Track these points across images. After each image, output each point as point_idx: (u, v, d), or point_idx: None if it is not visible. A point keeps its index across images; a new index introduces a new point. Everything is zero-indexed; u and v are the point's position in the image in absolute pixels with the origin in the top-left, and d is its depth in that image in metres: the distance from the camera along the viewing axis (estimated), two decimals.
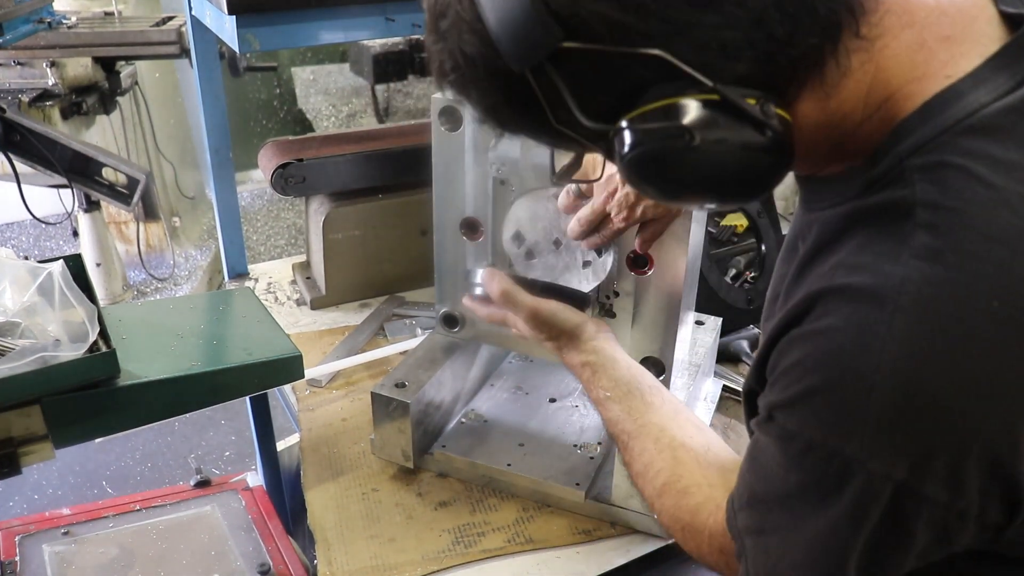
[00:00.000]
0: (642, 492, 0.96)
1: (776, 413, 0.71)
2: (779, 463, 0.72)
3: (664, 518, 0.92)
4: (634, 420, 0.98)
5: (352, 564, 1.14)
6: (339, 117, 4.59)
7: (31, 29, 2.41)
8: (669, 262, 1.15)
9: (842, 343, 0.64)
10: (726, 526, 0.81)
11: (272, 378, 1.20)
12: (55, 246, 4.12)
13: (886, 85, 0.66)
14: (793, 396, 0.68)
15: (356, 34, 1.45)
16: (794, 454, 0.70)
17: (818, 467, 0.67)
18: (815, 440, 0.67)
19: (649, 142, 0.65)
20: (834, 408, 0.65)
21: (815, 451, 0.67)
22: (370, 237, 1.74)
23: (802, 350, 0.68)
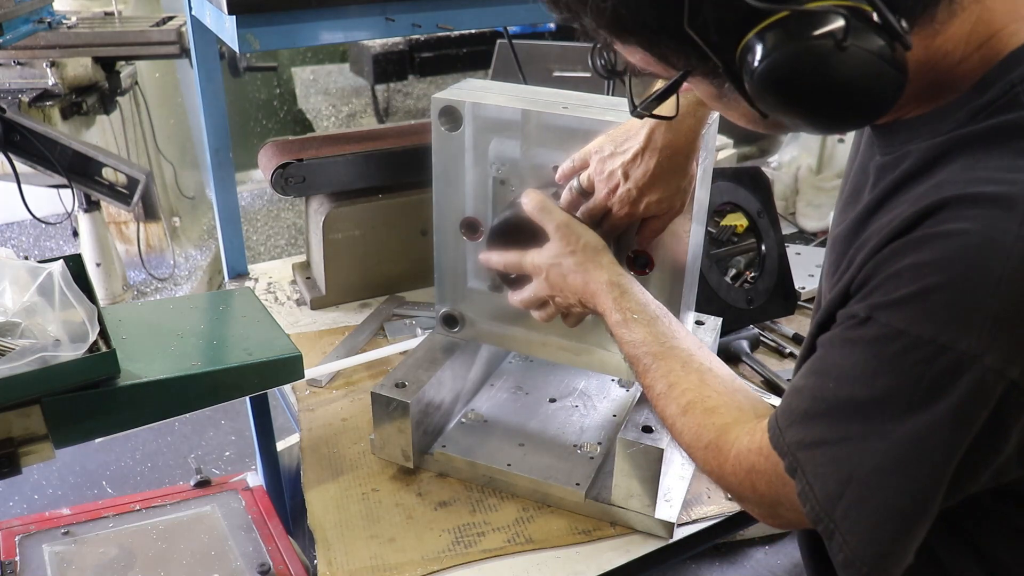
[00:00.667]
0: (663, 413, 0.97)
1: (879, 314, 0.72)
2: (865, 368, 0.73)
3: (686, 436, 0.93)
4: (660, 343, 0.99)
5: (352, 564, 1.14)
6: (339, 117, 4.59)
7: (31, 29, 2.41)
8: (669, 262, 1.15)
9: (969, 242, 0.67)
10: (766, 444, 0.82)
11: (272, 378, 1.20)
12: (55, 246, 4.12)
13: (989, 25, 0.72)
14: (905, 295, 0.70)
15: (356, 34, 1.45)
16: (892, 355, 0.70)
17: (919, 367, 0.69)
18: (924, 337, 0.68)
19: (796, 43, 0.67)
20: (955, 304, 0.67)
21: (921, 349, 0.68)
22: (370, 237, 1.74)
23: (920, 253, 0.70)
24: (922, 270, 0.69)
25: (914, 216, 0.72)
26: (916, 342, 0.69)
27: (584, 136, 1.12)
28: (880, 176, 0.83)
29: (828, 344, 0.80)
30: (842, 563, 0.76)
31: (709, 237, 1.57)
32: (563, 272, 1.08)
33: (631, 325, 1.02)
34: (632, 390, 1.44)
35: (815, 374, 0.80)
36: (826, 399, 0.77)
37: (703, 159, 1.08)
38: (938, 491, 0.72)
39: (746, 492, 0.87)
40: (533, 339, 1.28)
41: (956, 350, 0.67)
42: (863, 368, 0.73)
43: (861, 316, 0.74)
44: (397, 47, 4.14)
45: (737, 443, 0.88)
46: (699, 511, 1.24)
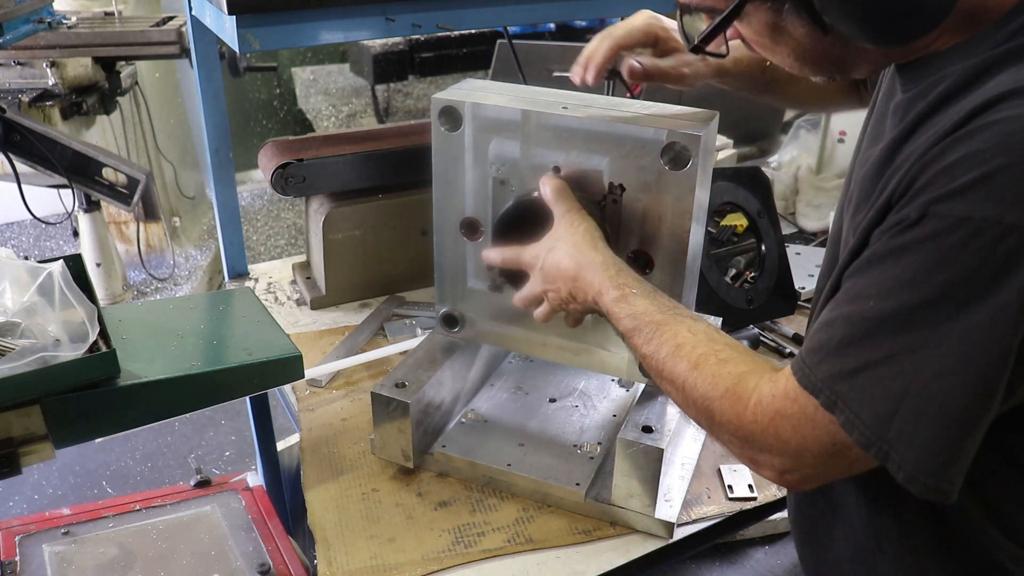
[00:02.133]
0: (671, 373, 0.93)
1: (936, 207, 0.72)
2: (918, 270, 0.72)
3: (700, 387, 0.90)
4: (663, 311, 0.98)
5: (352, 564, 1.14)
6: (339, 117, 4.59)
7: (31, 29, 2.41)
8: (669, 262, 1.15)
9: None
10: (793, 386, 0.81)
11: (272, 378, 1.20)
12: (55, 246, 4.12)
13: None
14: (966, 182, 0.70)
15: (356, 34, 1.45)
16: (952, 246, 0.70)
17: (984, 252, 0.69)
18: (990, 219, 0.68)
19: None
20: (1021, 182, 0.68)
21: (986, 233, 0.69)
22: (370, 237, 1.74)
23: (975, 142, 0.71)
24: (983, 155, 0.70)
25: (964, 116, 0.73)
26: (981, 226, 0.69)
27: (584, 136, 1.12)
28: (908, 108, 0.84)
29: (864, 266, 0.79)
30: (903, 480, 0.75)
31: (709, 237, 1.57)
32: (557, 258, 1.06)
33: (630, 299, 1.00)
34: (632, 390, 1.44)
35: (849, 302, 0.78)
36: (866, 319, 0.76)
37: (703, 159, 1.08)
38: (1000, 383, 0.71)
39: (768, 440, 0.84)
40: (533, 339, 1.28)
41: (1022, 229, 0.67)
42: (915, 271, 0.73)
43: (913, 217, 0.74)
44: (397, 47, 4.14)
45: (758, 390, 0.85)
46: (699, 511, 1.24)
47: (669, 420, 1.17)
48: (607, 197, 1.14)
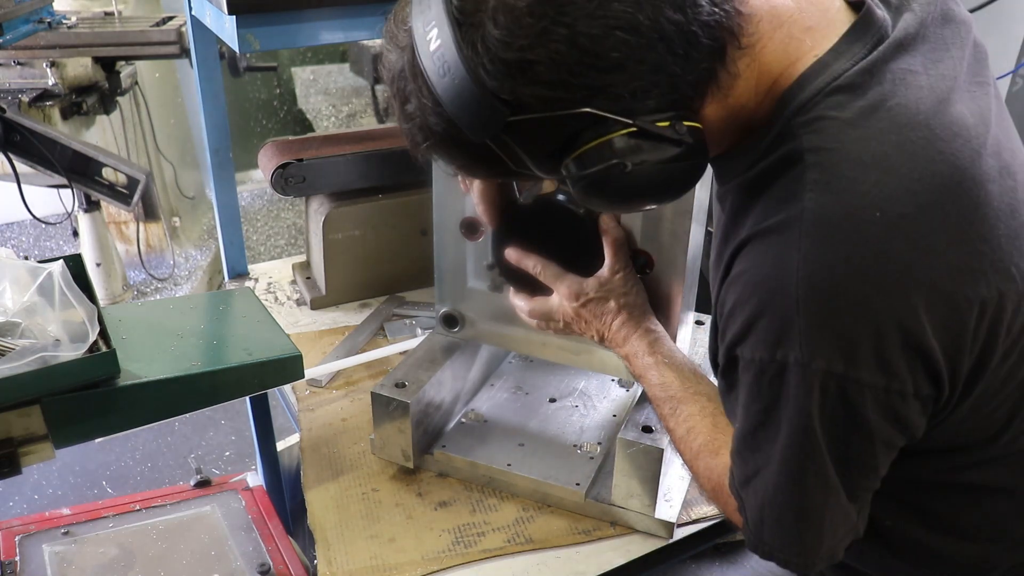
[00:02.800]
0: (682, 455, 1.04)
1: (735, 351, 0.83)
2: (745, 400, 0.84)
3: (699, 480, 1.01)
4: (685, 388, 1.06)
5: (352, 564, 1.14)
6: (339, 117, 4.59)
7: (31, 29, 2.41)
8: (669, 262, 1.15)
9: (765, 272, 0.78)
10: None
11: (272, 378, 1.19)
12: (55, 246, 4.12)
13: (769, 73, 0.81)
14: (740, 329, 0.81)
15: (356, 34, 1.45)
16: (752, 382, 0.82)
17: (774, 385, 0.79)
18: (765, 359, 0.79)
19: (592, 174, 0.79)
20: (774, 326, 0.78)
21: (768, 370, 0.79)
22: (370, 237, 1.74)
23: (736, 290, 0.82)
24: (742, 307, 0.80)
25: (728, 260, 0.84)
26: (763, 365, 0.79)
27: None
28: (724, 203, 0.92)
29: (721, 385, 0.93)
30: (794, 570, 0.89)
31: (709, 237, 1.57)
32: (605, 309, 1.12)
33: (662, 369, 1.08)
34: (632, 390, 1.44)
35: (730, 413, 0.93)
36: (738, 436, 0.88)
37: None
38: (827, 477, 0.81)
39: None
40: (533, 339, 1.28)
41: (789, 364, 0.77)
42: (745, 401, 0.84)
43: (726, 359, 0.86)
44: None
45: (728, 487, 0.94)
46: (699, 511, 1.24)
47: None
48: None
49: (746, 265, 0.81)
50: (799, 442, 0.80)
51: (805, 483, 0.82)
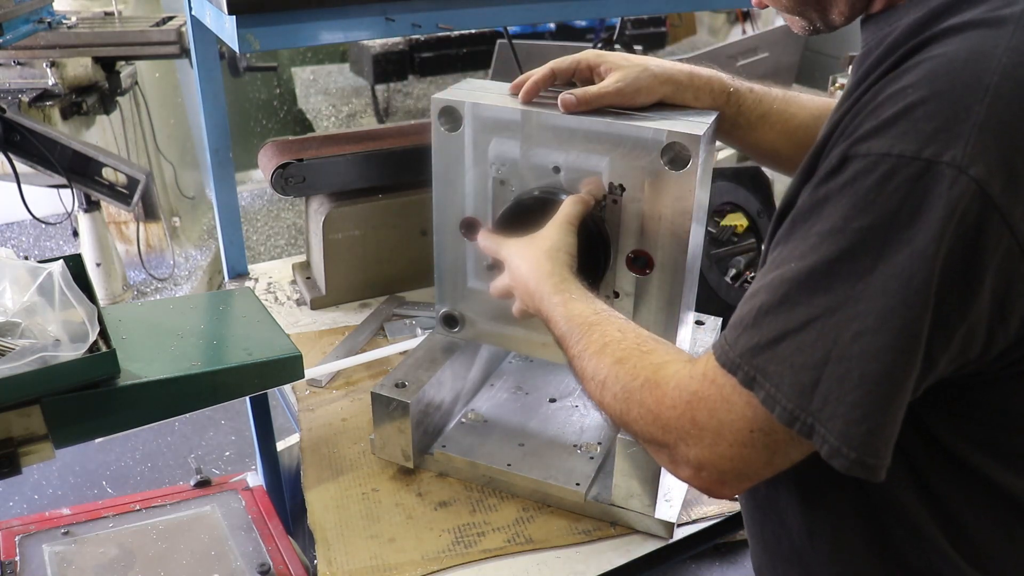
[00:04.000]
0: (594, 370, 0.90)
1: (857, 148, 0.68)
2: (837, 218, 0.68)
3: (621, 380, 0.85)
4: (598, 313, 0.96)
5: (352, 564, 1.14)
6: (339, 117, 4.59)
7: (31, 29, 2.41)
8: (669, 262, 1.15)
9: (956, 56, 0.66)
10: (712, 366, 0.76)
11: (272, 378, 1.20)
12: (55, 246, 4.12)
13: None
14: (887, 118, 0.67)
15: (356, 34, 1.45)
16: (872, 186, 0.66)
17: (902, 189, 0.65)
18: (907, 155, 0.65)
19: None
20: (940, 114, 0.65)
21: (904, 169, 0.65)
22: (370, 237, 1.74)
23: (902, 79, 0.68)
24: (905, 92, 0.67)
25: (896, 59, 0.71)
26: (898, 162, 0.65)
27: (584, 136, 1.12)
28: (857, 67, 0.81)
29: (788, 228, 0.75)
30: (827, 455, 0.69)
31: (709, 237, 1.57)
32: (517, 263, 1.07)
33: (569, 303, 0.98)
34: None
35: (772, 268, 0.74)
36: (785, 281, 0.71)
37: (703, 159, 1.08)
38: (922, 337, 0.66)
39: (686, 427, 0.78)
40: (533, 339, 1.28)
41: (940, 163, 0.64)
42: (833, 221, 0.68)
43: (835, 163, 0.70)
44: (397, 47, 4.14)
45: (676, 375, 0.80)
46: (699, 511, 1.24)
47: None
48: (607, 197, 1.14)
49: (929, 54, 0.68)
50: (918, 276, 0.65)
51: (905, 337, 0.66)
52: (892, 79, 0.70)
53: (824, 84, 2.45)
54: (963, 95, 0.65)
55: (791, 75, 2.84)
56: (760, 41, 2.62)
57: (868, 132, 0.68)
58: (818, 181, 0.72)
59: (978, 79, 0.65)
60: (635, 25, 3.95)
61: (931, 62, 0.68)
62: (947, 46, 0.68)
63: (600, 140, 1.11)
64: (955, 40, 0.68)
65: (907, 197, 0.65)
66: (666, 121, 1.09)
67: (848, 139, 0.70)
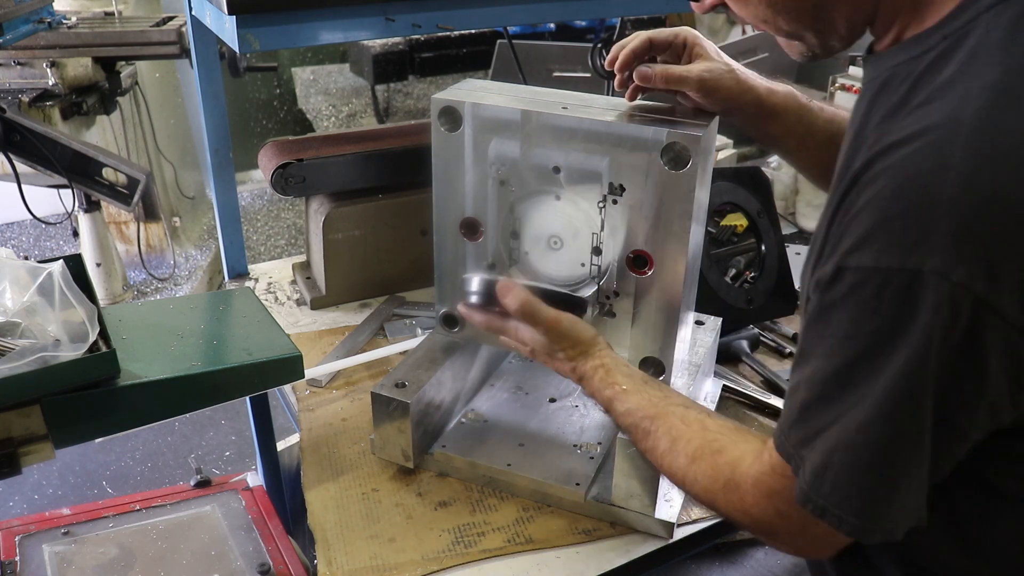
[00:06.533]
0: (671, 468, 0.97)
1: (848, 260, 0.74)
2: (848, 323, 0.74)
3: (701, 483, 0.93)
4: (655, 405, 1.01)
5: (352, 564, 1.14)
6: (339, 117, 4.59)
7: (31, 29, 2.41)
8: (669, 262, 1.15)
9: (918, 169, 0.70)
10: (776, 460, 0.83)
11: (272, 378, 1.20)
12: (55, 246, 4.12)
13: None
14: (870, 229, 0.72)
15: (356, 34, 1.45)
16: (870, 296, 0.72)
17: (897, 298, 0.70)
18: (893, 267, 0.70)
19: None
20: (914, 227, 0.70)
21: (894, 281, 0.71)
22: (370, 237, 1.74)
23: (873, 187, 0.73)
24: (879, 203, 0.72)
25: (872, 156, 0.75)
26: (887, 275, 0.71)
27: (584, 136, 1.12)
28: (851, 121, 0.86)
29: (807, 325, 0.80)
30: (846, 533, 0.76)
31: (709, 237, 1.57)
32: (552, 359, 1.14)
33: (622, 397, 1.05)
34: None
35: (804, 363, 0.80)
36: (818, 381, 0.78)
37: (703, 159, 1.08)
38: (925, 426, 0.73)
39: (774, 520, 0.86)
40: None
41: (923, 273, 0.69)
42: (847, 326, 0.75)
43: (830, 273, 0.76)
44: (397, 47, 4.15)
45: (750, 471, 0.87)
46: (699, 511, 1.24)
47: None
48: (607, 197, 1.14)
49: (896, 161, 0.72)
50: (914, 371, 0.71)
51: (899, 428, 0.73)
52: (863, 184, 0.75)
53: (824, 84, 2.44)
54: (930, 209, 0.69)
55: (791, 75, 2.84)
56: (760, 41, 2.62)
57: (855, 244, 0.73)
58: (822, 285, 0.77)
59: (940, 192, 0.69)
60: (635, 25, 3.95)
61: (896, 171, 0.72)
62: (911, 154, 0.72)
63: (600, 140, 1.11)
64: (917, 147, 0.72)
65: (903, 303, 0.71)
66: (666, 121, 1.09)
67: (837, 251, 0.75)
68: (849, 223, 0.75)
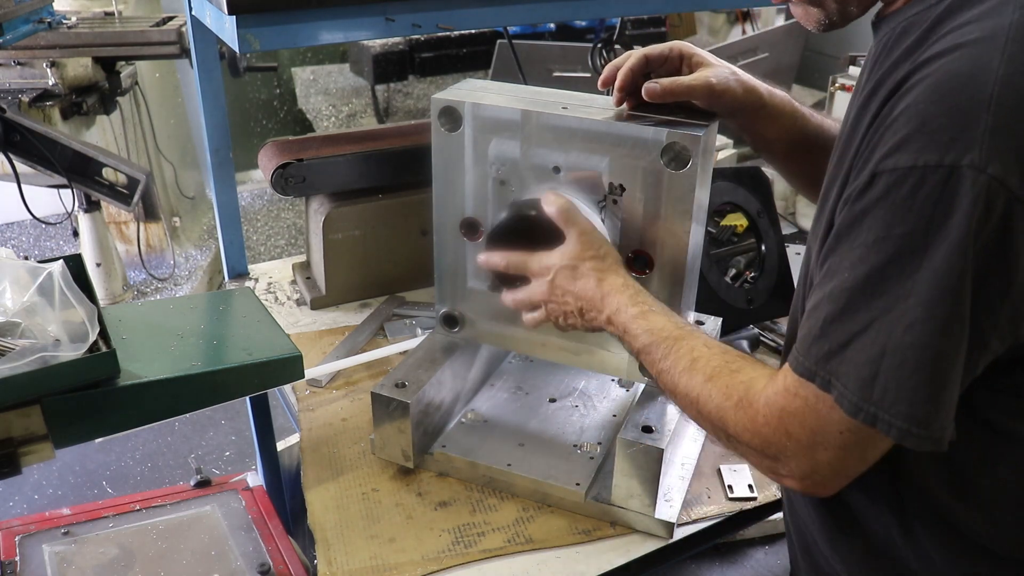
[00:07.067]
0: (687, 387, 0.96)
1: (884, 163, 0.76)
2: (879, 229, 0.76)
3: (715, 400, 0.93)
4: (680, 328, 1.02)
5: (352, 564, 1.14)
6: (339, 117, 4.59)
7: (31, 29, 2.41)
8: (669, 262, 1.15)
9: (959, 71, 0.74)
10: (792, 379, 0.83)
11: (272, 378, 1.19)
12: (55, 246, 4.12)
13: None
14: (908, 133, 0.74)
15: (356, 34, 1.45)
16: (905, 196, 0.74)
17: (933, 194, 0.73)
18: (931, 163, 0.72)
19: None
20: (954, 125, 0.72)
21: (930, 177, 0.73)
22: (370, 237, 1.74)
23: (911, 94, 0.76)
24: (918, 107, 0.75)
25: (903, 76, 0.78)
26: (924, 172, 0.73)
27: (584, 136, 1.12)
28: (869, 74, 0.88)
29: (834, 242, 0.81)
30: (897, 437, 0.77)
31: (709, 237, 1.57)
32: (577, 275, 1.09)
33: (648, 316, 1.04)
34: (632, 390, 1.44)
35: (828, 280, 0.81)
36: (844, 291, 0.78)
37: (703, 159, 1.08)
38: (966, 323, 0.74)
39: (783, 441, 0.86)
40: (533, 339, 1.28)
41: (961, 168, 0.71)
42: (876, 232, 0.76)
43: (865, 180, 0.77)
44: (397, 47, 4.14)
45: (764, 391, 0.88)
46: (699, 511, 1.24)
47: (669, 420, 1.17)
48: (607, 197, 1.14)
49: (930, 70, 0.76)
50: (956, 266, 0.72)
51: (950, 322, 0.74)
52: (901, 96, 0.77)
53: (824, 84, 2.44)
54: (970, 106, 0.72)
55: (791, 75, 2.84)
56: (760, 41, 2.62)
57: (892, 148, 0.75)
58: (853, 197, 0.79)
59: (981, 91, 0.72)
60: (635, 25, 3.95)
61: (935, 77, 0.75)
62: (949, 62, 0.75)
63: (600, 140, 1.11)
64: (955, 56, 0.75)
65: (939, 200, 0.72)
66: (666, 121, 1.09)
67: (874, 156, 0.77)
68: (884, 132, 0.77)
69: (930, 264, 0.73)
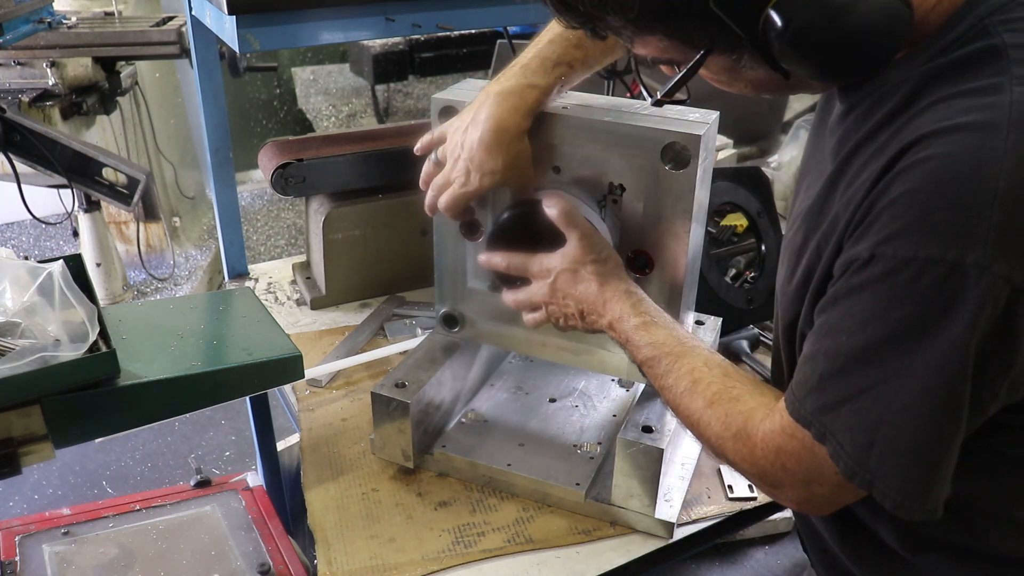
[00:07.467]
0: (687, 409, 0.97)
1: (883, 248, 0.75)
2: (877, 307, 0.76)
3: (714, 429, 0.94)
4: (681, 344, 1.01)
5: (352, 564, 1.14)
6: (339, 117, 4.59)
7: (31, 29, 2.41)
8: (669, 262, 1.15)
9: (960, 161, 0.72)
10: (788, 421, 0.85)
11: (272, 378, 1.19)
12: (55, 246, 4.12)
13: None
14: (908, 223, 0.73)
15: (356, 34, 1.45)
16: (903, 284, 0.74)
17: (933, 287, 0.72)
18: (933, 258, 0.72)
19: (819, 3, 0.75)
20: (957, 220, 0.71)
21: (931, 271, 0.72)
22: (370, 237, 1.74)
23: (911, 180, 0.74)
24: (917, 195, 0.73)
25: (899, 150, 0.76)
26: (925, 265, 0.72)
27: (584, 136, 1.12)
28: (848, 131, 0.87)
29: (832, 302, 0.82)
30: (892, 508, 0.78)
31: (709, 237, 1.57)
32: (578, 279, 1.08)
33: (651, 328, 1.03)
34: (632, 390, 1.44)
35: (825, 336, 0.82)
36: (841, 354, 0.79)
37: (703, 159, 1.08)
38: (963, 408, 0.75)
39: (779, 474, 0.88)
40: (533, 339, 1.28)
41: (964, 265, 0.71)
42: (875, 308, 0.76)
43: (864, 257, 0.77)
44: (397, 47, 4.15)
45: (762, 426, 0.89)
46: (699, 511, 1.24)
47: (669, 420, 1.17)
48: (607, 197, 1.14)
49: (929, 153, 0.74)
50: (957, 359, 0.73)
51: (947, 410, 0.75)
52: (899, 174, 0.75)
53: None
54: (974, 201, 0.71)
55: None
56: None
57: (891, 235, 0.74)
58: (852, 268, 0.79)
59: (986, 185, 0.70)
60: None
61: (935, 163, 0.73)
62: (947, 146, 0.73)
63: (600, 140, 1.11)
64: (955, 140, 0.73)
65: (939, 293, 0.72)
66: (666, 121, 1.09)
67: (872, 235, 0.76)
68: (882, 212, 0.76)
69: (930, 351, 0.74)
